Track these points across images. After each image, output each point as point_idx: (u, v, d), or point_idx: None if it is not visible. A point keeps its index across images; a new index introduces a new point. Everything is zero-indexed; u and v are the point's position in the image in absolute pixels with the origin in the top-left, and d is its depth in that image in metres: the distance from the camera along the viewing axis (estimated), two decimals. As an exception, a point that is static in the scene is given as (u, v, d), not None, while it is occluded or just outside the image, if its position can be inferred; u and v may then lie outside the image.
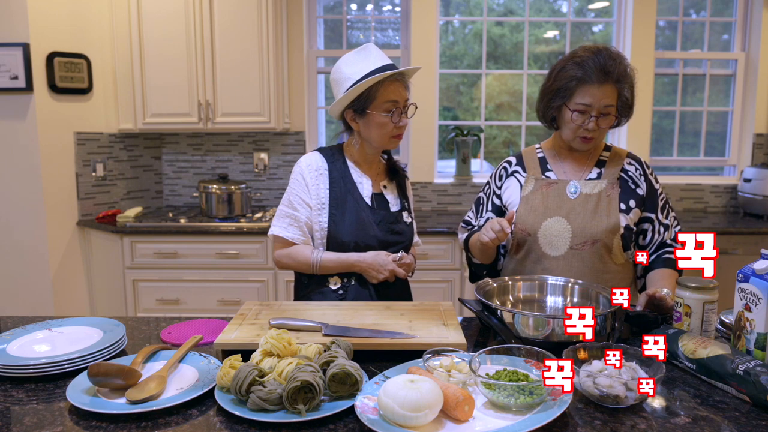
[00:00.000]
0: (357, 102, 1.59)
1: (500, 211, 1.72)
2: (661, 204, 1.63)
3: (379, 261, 1.60)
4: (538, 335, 1.21)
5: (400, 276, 1.63)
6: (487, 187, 1.79)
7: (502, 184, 1.73)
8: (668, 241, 1.63)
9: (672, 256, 1.60)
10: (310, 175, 1.65)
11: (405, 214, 1.73)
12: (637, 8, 3.58)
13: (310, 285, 1.69)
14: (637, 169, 1.64)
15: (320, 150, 1.72)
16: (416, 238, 1.85)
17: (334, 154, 1.70)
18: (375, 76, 1.53)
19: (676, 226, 1.66)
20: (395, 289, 1.69)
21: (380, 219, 1.66)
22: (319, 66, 3.79)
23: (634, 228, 1.60)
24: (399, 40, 3.78)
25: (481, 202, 1.79)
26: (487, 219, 1.72)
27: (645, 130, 3.67)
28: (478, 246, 1.63)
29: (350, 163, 1.69)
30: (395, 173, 1.76)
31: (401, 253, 1.65)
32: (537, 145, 1.74)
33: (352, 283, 1.65)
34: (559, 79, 1.56)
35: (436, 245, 3.09)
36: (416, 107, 1.67)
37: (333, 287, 1.65)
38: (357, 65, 1.57)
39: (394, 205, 1.72)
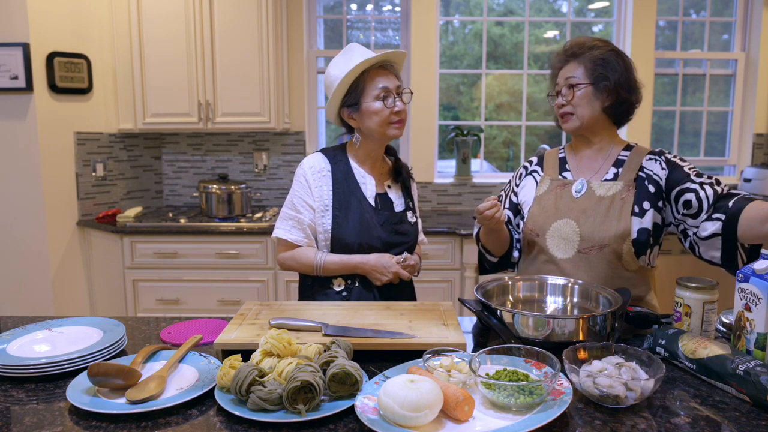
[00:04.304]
0: (349, 97, 1.61)
1: (516, 209, 1.71)
2: (692, 173, 1.48)
3: (382, 263, 1.60)
4: (538, 335, 1.21)
5: (403, 278, 1.63)
6: (508, 185, 1.79)
7: (520, 183, 1.73)
8: (725, 191, 1.43)
9: (748, 195, 1.41)
10: (312, 177, 1.65)
11: (409, 214, 1.73)
12: (637, 8, 3.58)
13: (313, 286, 1.69)
14: (657, 161, 1.53)
15: (323, 151, 1.72)
16: (422, 237, 1.84)
17: (337, 155, 1.70)
18: (357, 64, 1.56)
19: (723, 186, 1.46)
20: (399, 291, 1.69)
21: (384, 220, 1.66)
22: (319, 66, 3.79)
23: (651, 230, 1.49)
24: (399, 40, 3.78)
25: (501, 199, 1.78)
26: (504, 216, 1.72)
27: (645, 130, 3.67)
28: (485, 231, 1.64)
29: (353, 164, 1.69)
30: (399, 173, 1.76)
31: (405, 255, 1.65)
32: (561, 147, 1.73)
33: (356, 285, 1.65)
34: (550, 77, 1.67)
35: (436, 245, 3.09)
36: (412, 93, 1.67)
37: (337, 289, 1.65)
38: (342, 65, 1.60)
39: (399, 205, 1.72)
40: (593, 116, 1.55)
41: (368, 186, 1.67)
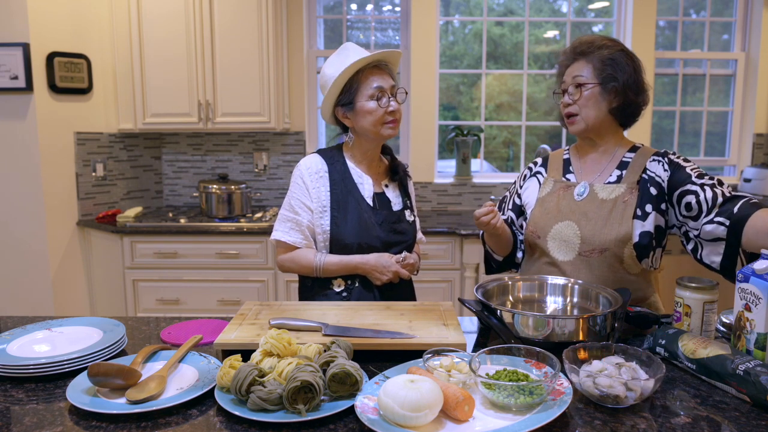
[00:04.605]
0: (343, 96, 1.61)
1: (520, 210, 1.71)
2: (694, 174, 1.45)
3: (382, 263, 1.60)
4: (538, 335, 1.21)
5: (403, 277, 1.63)
6: (513, 186, 1.78)
7: (524, 184, 1.72)
8: (728, 194, 1.39)
9: (753, 199, 1.36)
10: (310, 178, 1.65)
11: (407, 213, 1.73)
12: (637, 8, 3.58)
13: (313, 287, 1.69)
14: (660, 162, 1.50)
15: (320, 152, 1.72)
16: (420, 235, 1.85)
17: (333, 156, 1.70)
18: (352, 64, 1.56)
19: (726, 187, 1.42)
20: (399, 291, 1.69)
21: (382, 219, 1.66)
22: (319, 66, 3.79)
23: (653, 233, 1.47)
24: (399, 40, 3.78)
25: (505, 200, 1.78)
26: (508, 217, 1.73)
27: (645, 130, 3.67)
28: (486, 234, 1.66)
29: (350, 164, 1.69)
30: (396, 172, 1.76)
31: (404, 254, 1.65)
32: (566, 148, 1.71)
33: (356, 285, 1.65)
34: (557, 74, 1.63)
35: (436, 245, 3.09)
36: (407, 93, 1.67)
37: (337, 289, 1.65)
38: (337, 64, 1.60)
39: (396, 204, 1.72)
40: (599, 118, 1.52)
41: (366, 186, 1.67)
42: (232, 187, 3.39)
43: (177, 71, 3.27)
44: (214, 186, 3.37)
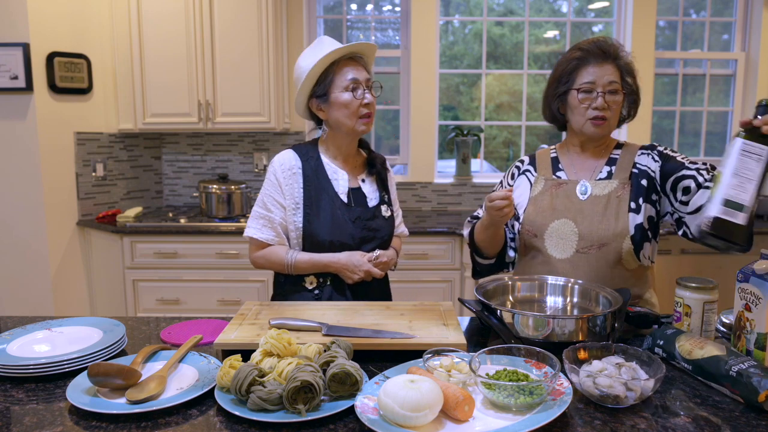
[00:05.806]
0: (317, 88, 1.60)
1: None
2: (686, 161, 1.49)
3: (353, 261, 1.59)
4: (538, 335, 1.21)
5: (376, 276, 1.62)
6: (499, 185, 1.77)
7: (513, 183, 1.71)
8: None
9: None
10: (283, 175, 1.63)
11: (384, 208, 1.70)
12: (637, 8, 3.58)
13: (286, 284, 1.69)
14: (649, 155, 1.55)
15: (295, 148, 1.69)
16: (402, 229, 1.82)
17: (308, 151, 1.68)
18: (327, 54, 1.55)
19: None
20: (372, 290, 1.67)
21: (356, 216, 1.64)
22: (319, 66, 3.79)
23: (647, 225, 1.50)
24: (399, 40, 3.78)
25: None
26: None
27: (645, 130, 3.67)
28: (485, 224, 1.56)
29: (325, 159, 1.67)
30: (373, 165, 1.73)
31: (377, 252, 1.63)
32: (552, 146, 1.72)
33: (328, 283, 1.64)
34: (561, 65, 1.59)
35: (436, 245, 3.09)
36: (381, 86, 1.66)
37: (309, 287, 1.65)
38: (311, 57, 1.59)
39: (372, 200, 1.69)
40: (616, 123, 1.57)
41: (340, 182, 1.65)
42: (232, 187, 3.39)
43: (177, 71, 3.27)
44: (214, 186, 3.37)
